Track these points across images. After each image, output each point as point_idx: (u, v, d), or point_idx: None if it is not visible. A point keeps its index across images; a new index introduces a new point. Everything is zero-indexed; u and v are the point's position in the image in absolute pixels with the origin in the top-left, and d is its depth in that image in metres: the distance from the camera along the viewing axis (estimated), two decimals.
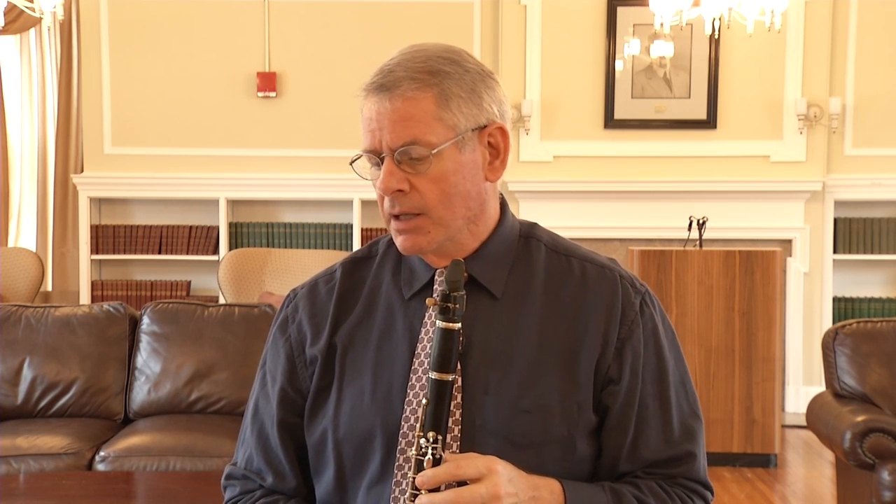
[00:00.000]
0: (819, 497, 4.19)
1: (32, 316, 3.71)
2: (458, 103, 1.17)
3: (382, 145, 1.17)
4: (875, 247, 5.81)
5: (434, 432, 1.11)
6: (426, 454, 1.10)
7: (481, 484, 1.08)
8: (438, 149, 1.16)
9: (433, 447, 1.11)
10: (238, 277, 5.15)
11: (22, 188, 6.54)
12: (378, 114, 1.17)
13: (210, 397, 3.59)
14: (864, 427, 3.11)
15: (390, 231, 1.23)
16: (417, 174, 1.17)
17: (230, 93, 5.92)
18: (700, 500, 1.24)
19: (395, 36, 5.61)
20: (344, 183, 5.85)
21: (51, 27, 5.99)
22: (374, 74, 1.19)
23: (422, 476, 1.09)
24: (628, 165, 5.72)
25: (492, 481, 1.08)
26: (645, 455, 1.22)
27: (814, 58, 5.66)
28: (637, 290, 1.26)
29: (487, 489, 1.08)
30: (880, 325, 3.53)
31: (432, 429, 1.11)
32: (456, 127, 1.17)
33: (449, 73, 1.18)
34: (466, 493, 1.08)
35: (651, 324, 1.25)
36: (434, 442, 1.11)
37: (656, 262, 4.45)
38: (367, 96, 1.19)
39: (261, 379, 1.33)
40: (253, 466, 1.30)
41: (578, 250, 1.29)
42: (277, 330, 1.33)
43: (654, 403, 1.23)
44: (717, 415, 4.42)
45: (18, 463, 3.15)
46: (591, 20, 5.72)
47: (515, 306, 1.23)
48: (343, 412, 1.23)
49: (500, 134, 1.22)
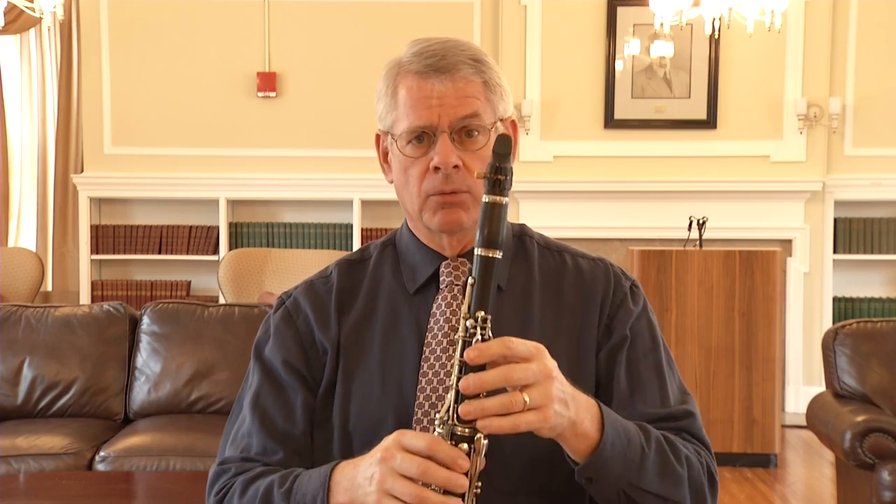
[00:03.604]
0: (819, 497, 4.19)
1: (32, 316, 3.71)
2: (498, 92, 1.25)
3: (440, 121, 1.20)
4: (875, 247, 5.81)
5: (482, 311, 1.03)
6: (474, 335, 1.02)
7: (532, 362, 1.02)
8: (491, 128, 1.23)
9: (482, 328, 1.03)
10: (238, 277, 5.15)
11: (22, 188, 6.54)
12: (439, 92, 1.20)
13: (210, 397, 3.59)
14: (864, 427, 3.11)
15: (426, 208, 1.24)
16: (467, 152, 1.21)
17: (230, 93, 5.92)
18: (707, 453, 1.23)
19: (395, 36, 5.61)
20: (344, 183, 5.85)
21: (51, 27, 5.99)
22: (423, 57, 1.22)
23: (471, 350, 1.01)
24: (628, 165, 5.72)
25: (542, 362, 1.03)
26: (642, 409, 1.23)
27: (814, 58, 5.66)
28: (627, 277, 1.33)
29: (539, 367, 1.02)
30: (880, 325, 3.53)
31: (480, 308, 1.03)
32: (496, 112, 1.25)
33: (489, 63, 1.25)
34: (519, 369, 1.01)
35: (642, 304, 1.31)
36: (483, 322, 1.03)
37: (656, 262, 4.45)
38: (420, 78, 1.22)
39: (261, 371, 1.28)
40: (252, 452, 1.24)
41: (568, 247, 1.35)
42: (281, 322, 1.30)
43: (649, 371, 1.26)
44: (717, 415, 4.42)
45: (18, 463, 3.15)
46: (591, 20, 5.72)
47: (521, 298, 1.26)
48: (353, 405, 1.23)
49: (513, 127, 1.30)
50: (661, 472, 1.14)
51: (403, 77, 1.23)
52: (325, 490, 1.08)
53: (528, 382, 1.01)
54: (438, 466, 0.99)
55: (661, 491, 1.14)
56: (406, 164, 1.23)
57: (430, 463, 0.99)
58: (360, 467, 1.06)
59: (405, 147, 1.23)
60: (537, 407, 1.01)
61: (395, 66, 1.25)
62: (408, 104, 1.22)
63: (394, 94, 1.24)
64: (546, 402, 1.01)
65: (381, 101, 1.27)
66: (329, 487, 1.09)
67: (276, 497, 1.14)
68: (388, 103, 1.25)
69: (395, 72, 1.25)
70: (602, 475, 1.09)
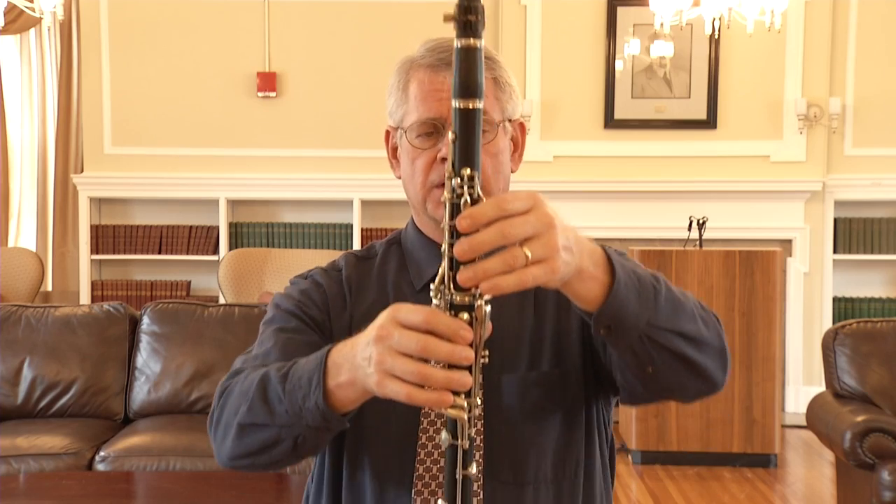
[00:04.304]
0: (819, 497, 4.18)
1: (32, 316, 3.72)
2: (508, 91, 1.25)
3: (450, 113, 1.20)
4: (875, 247, 5.81)
5: (468, 168, 0.93)
6: (462, 196, 0.93)
7: (530, 214, 0.92)
8: (499, 125, 1.23)
9: (469, 186, 0.93)
10: (238, 277, 5.15)
11: (22, 188, 6.55)
12: (450, 85, 1.17)
13: (210, 397, 3.58)
14: (864, 427, 3.11)
15: (430, 199, 1.23)
16: None
17: (230, 93, 5.92)
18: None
19: (395, 36, 5.62)
20: (344, 183, 5.86)
21: (51, 27, 5.99)
22: (436, 52, 1.22)
23: (463, 219, 0.91)
24: (628, 165, 5.72)
25: (541, 210, 0.92)
26: None
27: (814, 58, 5.66)
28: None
29: (538, 217, 0.92)
30: (880, 325, 3.54)
31: (465, 164, 0.93)
32: (504, 111, 1.25)
33: (500, 63, 1.25)
34: (516, 223, 0.91)
35: None
36: (469, 180, 0.93)
37: (656, 262, 4.45)
38: (431, 71, 1.22)
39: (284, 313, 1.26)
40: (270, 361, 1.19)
41: None
42: (310, 284, 1.29)
43: None
44: (717, 415, 4.42)
45: (18, 463, 3.16)
46: (591, 20, 5.72)
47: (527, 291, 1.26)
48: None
49: (521, 129, 1.30)
50: (676, 308, 1.07)
51: (415, 71, 1.24)
52: (321, 371, 1.03)
53: (528, 235, 0.91)
54: (440, 340, 0.91)
55: (681, 328, 1.07)
56: (414, 155, 1.24)
57: (430, 337, 0.91)
58: (357, 347, 0.99)
59: (414, 139, 1.23)
60: (542, 260, 0.91)
61: (408, 63, 1.26)
62: (418, 97, 1.22)
63: (405, 87, 1.25)
64: (551, 252, 0.92)
65: (392, 96, 1.27)
66: (326, 369, 1.03)
67: (273, 380, 1.09)
68: (398, 97, 1.26)
69: (408, 67, 1.25)
70: (620, 319, 1.02)
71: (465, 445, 0.93)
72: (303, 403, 1.04)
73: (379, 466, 1.20)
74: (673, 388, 1.13)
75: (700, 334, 1.09)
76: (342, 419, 1.05)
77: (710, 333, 1.11)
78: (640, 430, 4.49)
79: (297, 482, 2.74)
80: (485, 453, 1.18)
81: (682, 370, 1.09)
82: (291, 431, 1.08)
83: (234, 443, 1.13)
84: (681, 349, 1.07)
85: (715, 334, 1.12)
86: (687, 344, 1.08)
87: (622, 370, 1.13)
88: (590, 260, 0.99)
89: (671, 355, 1.07)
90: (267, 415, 1.08)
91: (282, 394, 1.07)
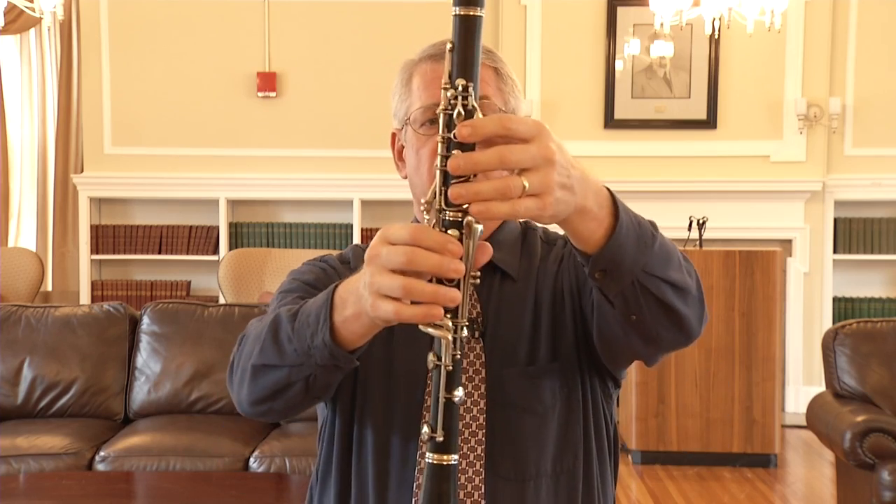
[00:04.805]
0: (819, 497, 4.19)
1: (32, 316, 3.72)
2: (510, 84, 1.26)
3: None
4: (875, 247, 5.81)
5: (464, 80, 0.88)
6: (455, 108, 0.88)
7: (531, 144, 0.87)
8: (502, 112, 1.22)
9: (463, 96, 0.88)
10: (238, 277, 5.15)
11: (22, 188, 6.55)
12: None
13: (210, 397, 3.59)
14: (864, 427, 3.11)
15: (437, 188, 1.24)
16: None
17: (230, 93, 5.92)
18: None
19: (395, 36, 5.62)
20: (344, 183, 5.86)
21: (51, 27, 5.99)
22: (438, 46, 1.23)
23: (464, 126, 0.86)
24: (628, 165, 5.72)
25: (543, 142, 0.88)
26: None
27: (814, 58, 5.67)
28: None
29: (539, 150, 0.87)
30: (880, 325, 3.54)
31: (462, 76, 0.88)
32: (507, 103, 1.25)
33: (501, 58, 1.26)
34: (517, 150, 0.87)
35: None
36: (464, 91, 0.88)
37: None
38: (433, 61, 1.23)
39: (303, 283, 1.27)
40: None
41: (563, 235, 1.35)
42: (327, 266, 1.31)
43: None
44: (717, 415, 4.42)
45: (18, 463, 3.15)
46: (591, 20, 5.72)
47: (530, 290, 1.27)
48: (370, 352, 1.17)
49: None
50: (668, 256, 1.07)
51: (418, 65, 1.25)
52: (328, 307, 1.02)
53: (527, 166, 0.87)
54: (428, 252, 0.88)
55: (670, 276, 1.07)
56: (419, 144, 1.23)
57: (417, 249, 0.88)
58: (360, 277, 0.96)
59: (419, 128, 1.23)
60: (536, 194, 0.88)
61: (410, 63, 1.27)
62: (421, 86, 1.23)
63: (408, 83, 1.25)
64: (546, 189, 0.88)
65: (396, 95, 1.28)
66: (333, 305, 1.02)
67: (284, 320, 1.08)
68: (402, 93, 1.26)
69: (410, 65, 1.26)
70: (616, 263, 1.01)
71: (450, 367, 0.91)
72: (311, 341, 1.03)
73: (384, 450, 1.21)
74: (651, 337, 1.11)
75: (686, 283, 1.09)
76: (349, 356, 1.04)
77: (693, 283, 1.11)
78: (640, 430, 4.49)
79: (298, 482, 2.75)
80: (486, 448, 1.18)
81: (663, 318, 1.08)
82: (302, 371, 1.06)
83: (250, 386, 1.13)
84: (668, 297, 1.06)
85: (696, 285, 1.12)
86: (674, 293, 1.07)
87: (604, 315, 1.12)
88: (594, 200, 0.96)
89: (657, 303, 1.06)
90: (277, 355, 1.08)
91: (291, 333, 1.06)
